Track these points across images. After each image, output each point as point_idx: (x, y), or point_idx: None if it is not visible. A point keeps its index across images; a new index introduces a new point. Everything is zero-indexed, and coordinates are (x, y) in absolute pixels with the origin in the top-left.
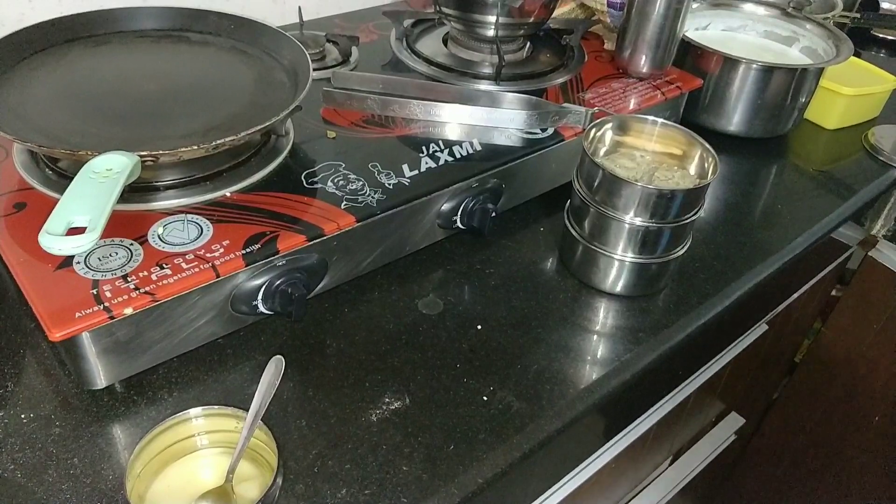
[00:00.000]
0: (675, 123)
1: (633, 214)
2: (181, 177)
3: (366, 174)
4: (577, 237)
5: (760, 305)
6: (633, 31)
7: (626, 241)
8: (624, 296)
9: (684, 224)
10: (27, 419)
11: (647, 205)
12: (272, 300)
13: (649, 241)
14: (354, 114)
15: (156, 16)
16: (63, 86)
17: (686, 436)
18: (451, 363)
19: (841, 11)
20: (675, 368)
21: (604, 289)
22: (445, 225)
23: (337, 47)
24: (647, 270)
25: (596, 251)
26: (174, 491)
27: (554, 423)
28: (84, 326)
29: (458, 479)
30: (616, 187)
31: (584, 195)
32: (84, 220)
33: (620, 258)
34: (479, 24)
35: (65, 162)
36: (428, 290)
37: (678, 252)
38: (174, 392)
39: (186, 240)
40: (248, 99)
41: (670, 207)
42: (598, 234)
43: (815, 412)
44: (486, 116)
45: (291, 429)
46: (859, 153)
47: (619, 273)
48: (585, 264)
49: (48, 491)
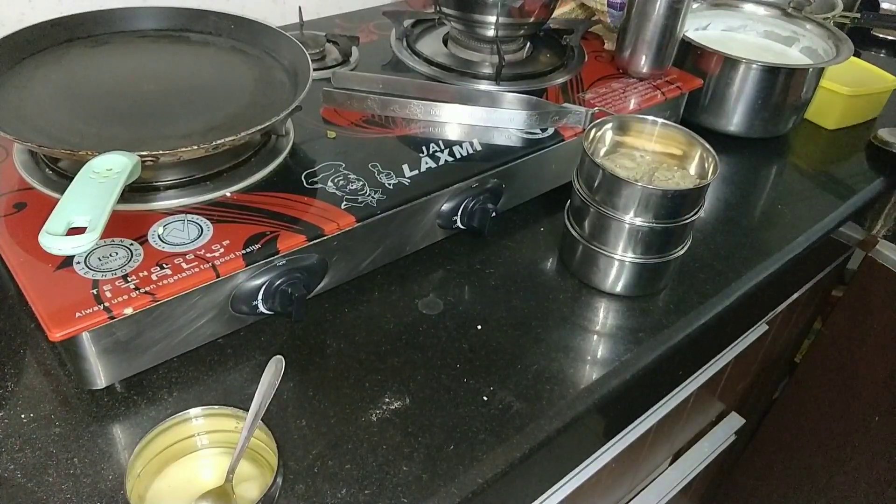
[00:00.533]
0: (675, 123)
1: (634, 214)
2: (181, 177)
3: (366, 174)
4: (578, 237)
5: (760, 305)
6: (633, 31)
7: (626, 241)
8: (624, 296)
9: (684, 224)
10: (27, 419)
11: (647, 205)
12: (272, 300)
13: (649, 242)
14: (354, 114)
15: (155, 16)
16: (63, 86)
17: (686, 436)
18: (451, 363)
19: (841, 11)
20: (675, 368)
21: (604, 289)
22: (445, 225)
23: (337, 47)
24: (648, 270)
25: (596, 251)
26: (174, 491)
27: (554, 423)
28: (84, 326)
29: (458, 479)
30: (616, 187)
31: (584, 195)
32: (84, 220)
33: (620, 258)
34: (479, 24)
35: (65, 162)
36: (428, 290)
37: (678, 252)
38: (174, 392)
39: (186, 240)
40: (248, 99)
41: (670, 207)
42: (598, 234)
43: (815, 412)
44: (486, 116)
45: (291, 429)
46: (859, 153)
47: (620, 273)
48: (586, 264)
49: (48, 491)
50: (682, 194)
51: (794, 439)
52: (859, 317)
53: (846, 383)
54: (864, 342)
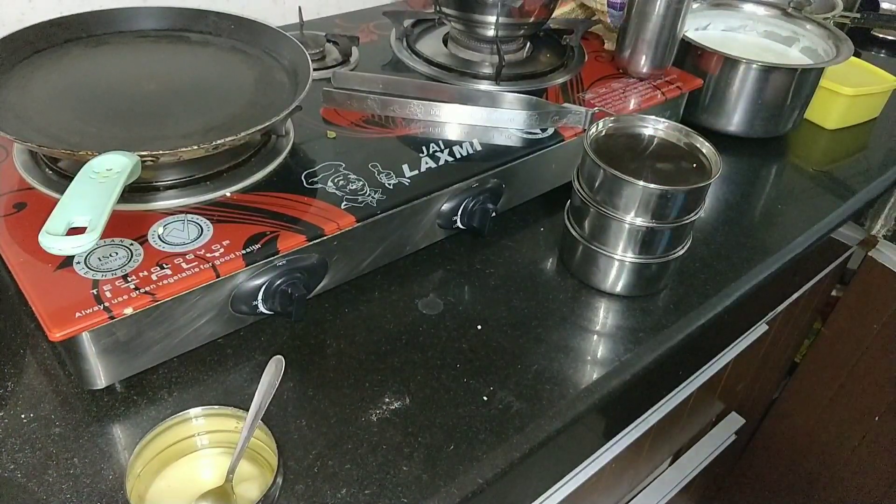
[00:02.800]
0: (675, 123)
1: (634, 214)
2: (181, 177)
3: (366, 174)
4: (578, 237)
5: (760, 305)
6: (633, 31)
7: (626, 242)
8: (624, 296)
9: (685, 224)
10: (27, 419)
11: (647, 205)
12: (272, 300)
13: (649, 241)
14: (354, 114)
15: (155, 16)
16: (63, 86)
17: (686, 436)
18: (451, 363)
19: (841, 11)
20: (675, 368)
21: (604, 289)
22: (445, 225)
23: (337, 47)
24: (648, 270)
25: (596, 251)
26: (174, 491)
27: (554, 423)
28: (84, 326)
29: (458, 479)
30: (617, 187)
31: (585, 195)
32: (84, 220)
33: (620, 258)
34: (479, 24)
35: (65, 162)
36: (428, 290)
37: (678, 252)
38: (174, 392)
39: (186, 240)
40: (248, 99)
41: (671, 207)
42: (598, 234)
43: (815, 412)
44: (486, 116)
45: (291, 429)
46: (859, 153)
47: (620, 273)
48: (586, 264)
49: (48, 491)
50: (683, 194)
51: (794, 439)
52: (859, 317)
53: (846, 383)
54: (864, 342)
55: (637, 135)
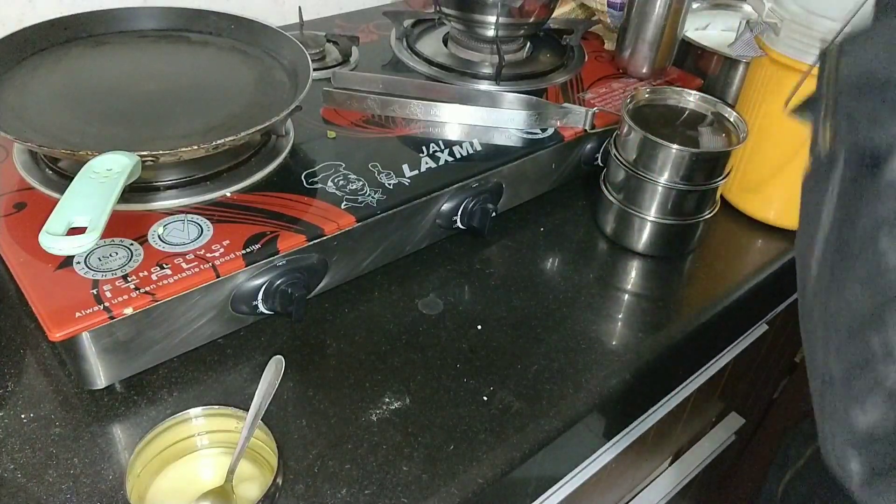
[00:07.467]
0: (705, 94)
1: (667, 178)
2: (181, 177)
3: (366, 174)
4: (613, 200)
5: (760, 305)
6: (633, 31)
7: (659, 203)
8: (651, 256)
9: (713, 188)
10: (27, 419)
11: (679, 168)
12: (272, 300)
13: (679, 203)
14: (354, 114)
15: (156, 16)
16: (63, 86)
17: (686, 436)
18: (451, 363)
19: None
20: (675, 368)
21: (637, 249)
22: (445, 225)
23: (337, 47)
24: (678, 230)
25: (631, 213)
26: (174, 491)
27: (554, 423)
28: (84, 326)
29: (458, 479)
30: (652, 150)
31: (621, 160)
32: (84, 220)
33: (654, 220)
34: (479, 24)
35: (65, 162)
36: (428, 290)
37: (707, 215)
38: (174, 392)
39: (186, 240)
40: (248, 99)
41: (700, 170)
42: (632, 197)
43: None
44: (486, 116)
45: (291, 429)
46: None
47: (652, 233)
48: (620, 226)
49: (48, 491)
50: (714, 156)
51: None
52: None
53: None
54: None
55: (670, 105)
